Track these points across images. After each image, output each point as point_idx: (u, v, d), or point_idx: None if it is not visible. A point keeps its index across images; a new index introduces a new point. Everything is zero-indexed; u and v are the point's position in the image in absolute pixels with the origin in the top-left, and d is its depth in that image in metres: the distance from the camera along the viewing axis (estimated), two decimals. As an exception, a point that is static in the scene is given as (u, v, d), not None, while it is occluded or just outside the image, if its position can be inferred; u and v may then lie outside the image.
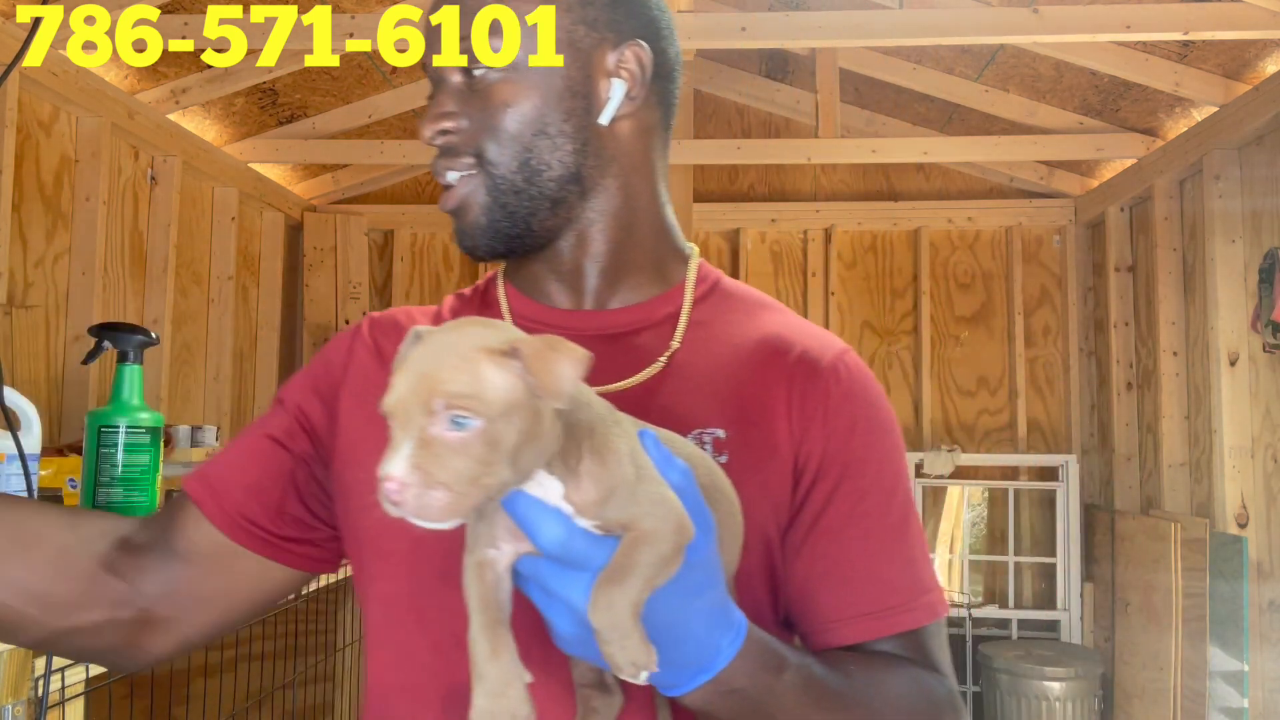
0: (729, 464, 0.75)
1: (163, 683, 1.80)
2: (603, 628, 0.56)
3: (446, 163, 0.81)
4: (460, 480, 0.53)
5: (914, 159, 3.92)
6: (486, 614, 0.59)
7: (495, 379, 0.54)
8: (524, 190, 0.80)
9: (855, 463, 0.79)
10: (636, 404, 0.77)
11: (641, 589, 0.56)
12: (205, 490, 0.82)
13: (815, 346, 0.83)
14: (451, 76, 0.82)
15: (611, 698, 0.69)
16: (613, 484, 0.57)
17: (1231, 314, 3.03)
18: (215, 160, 3.54)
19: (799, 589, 0.78)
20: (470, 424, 0.53)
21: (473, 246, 0.82)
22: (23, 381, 2.61)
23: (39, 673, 1.09)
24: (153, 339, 1.46)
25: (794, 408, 0.79)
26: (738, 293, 0.89)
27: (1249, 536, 2.92)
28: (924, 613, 0.78)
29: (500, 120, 0.79)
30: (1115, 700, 3.66)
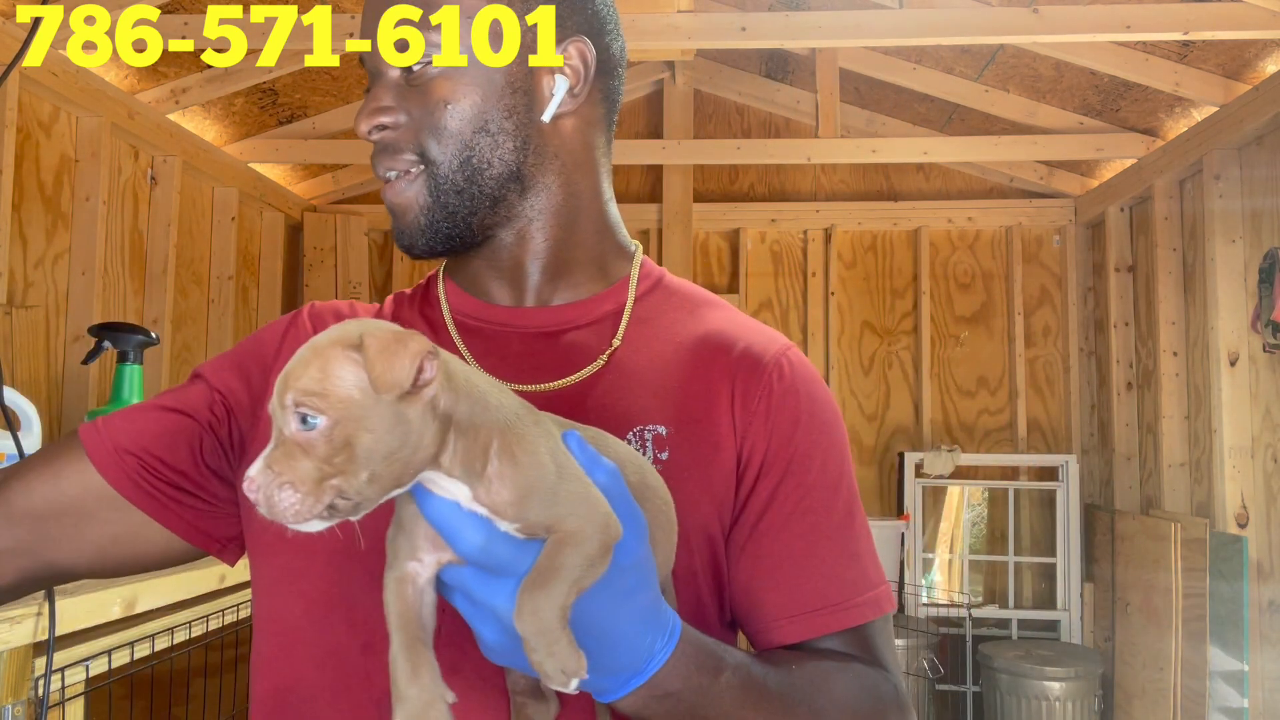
0: (670, 460, 0.75)
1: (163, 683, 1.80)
2: (529, 635, 0.54)
3: (387, 160, 0.79)
4: (306, 480, 0.51)
5: (914, 159, 3.92)
6: (406, 632, 0.57)
7: (344, 376, 0.52)
8: (465, 189, 0.78)
9: (799, 459, 0.78)
10: (576, 401, 0.77)
11: (568, 592, 0.54)
12: (99, 437, 0.78)
13: (758, 343, 0.82)
14: (389, 70, 0.80)
15: (547, 704, 0.68)
16: (528, 484, 0.55)
17: (1231, 314, 3.03)
18: (215, 160, 3.54)
19: (742, 588, 0.77)
20: (316, 422, 0.51)
21: (410, 245, 0.81)
22: (23, 381, 2.61)
23: (39, 673, 1.10)
24: (153, 339, 1.46)
25: (737, 404, 0.78)
26: (681, 290, 0.88)
27: (1249, 536, 2.92)
28: (869, 609, 0.77)
29: (441, 117, 0.78)
30: (1115, 700, 3.66)
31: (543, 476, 0.56)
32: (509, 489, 0.55)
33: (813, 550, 0.77)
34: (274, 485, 0.51)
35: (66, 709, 1.15)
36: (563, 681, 0.55)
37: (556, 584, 0.54)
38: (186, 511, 0.79)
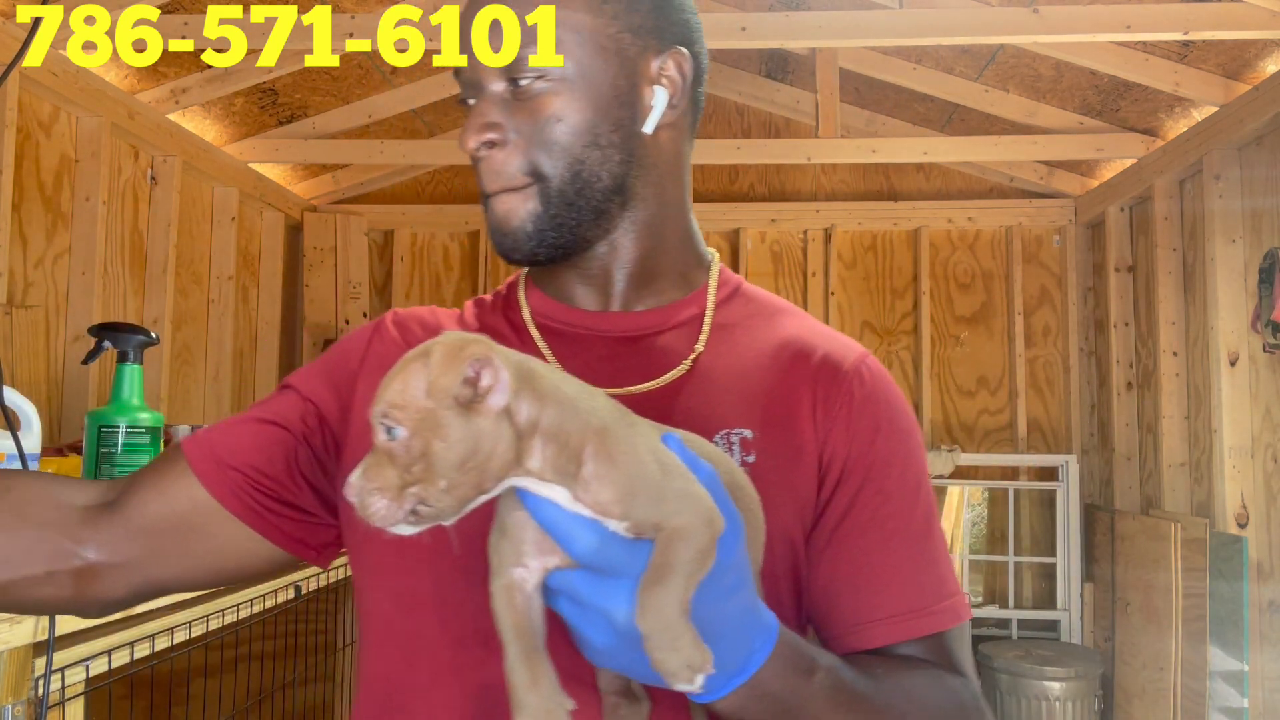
0: (756, 464, 0.76)
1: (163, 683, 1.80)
2: (654, 632, 0.55)
3: (497, 178, 0.80)
4: (391, 488, 0.54)
5: (914, 159, 3.92)
6: (521, 641, 0.58)
7: (419, 387, 0.54)
8: (575, 202, 0.79)
9: (879, 465, 0.79)
10: (662, 405, 0.78)
11: (686, 587, 0.55)
12: (202, 451, 0.81)
13: (837, 350, 0.83)
14: (493, 84, 0.80)
15: (639, 705, 0.68)
16: (630, 483, 0.56)
17: (1231, 314, 3.03)
18: (215, 160, 3.54)
19: (822, 592, 0.78)
20: (397, 433, 0.54)
21: (510, 251, 0.82)
22: (23, 381, 2.61)
23: (39, 673, 1.10)
24: (153, 339, 1.46)
25: (818, 410, 0.79)
26: (758, 297, 0.90)
27: (1249, 536, 2.92)
28: (947, 616, 0.78)
29: (552, 133, 0.78)
30: (1115, 700, 3.66)
31: (645, 475, 0.56)
32: (609, 488, 0.56)
33: (892, 556, 0.78)
34: (366, 492, 0.54)
35: (66, 709, 1.15)
36: (688, 678, 0.55)
37: (674, 579, 0.55)
38: (285, 523, 0.81)
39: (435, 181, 4.48)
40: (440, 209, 4.39)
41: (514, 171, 0.79)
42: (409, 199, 4.45)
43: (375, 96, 3.72)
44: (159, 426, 1.45)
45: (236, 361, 3.75)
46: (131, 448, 1.40)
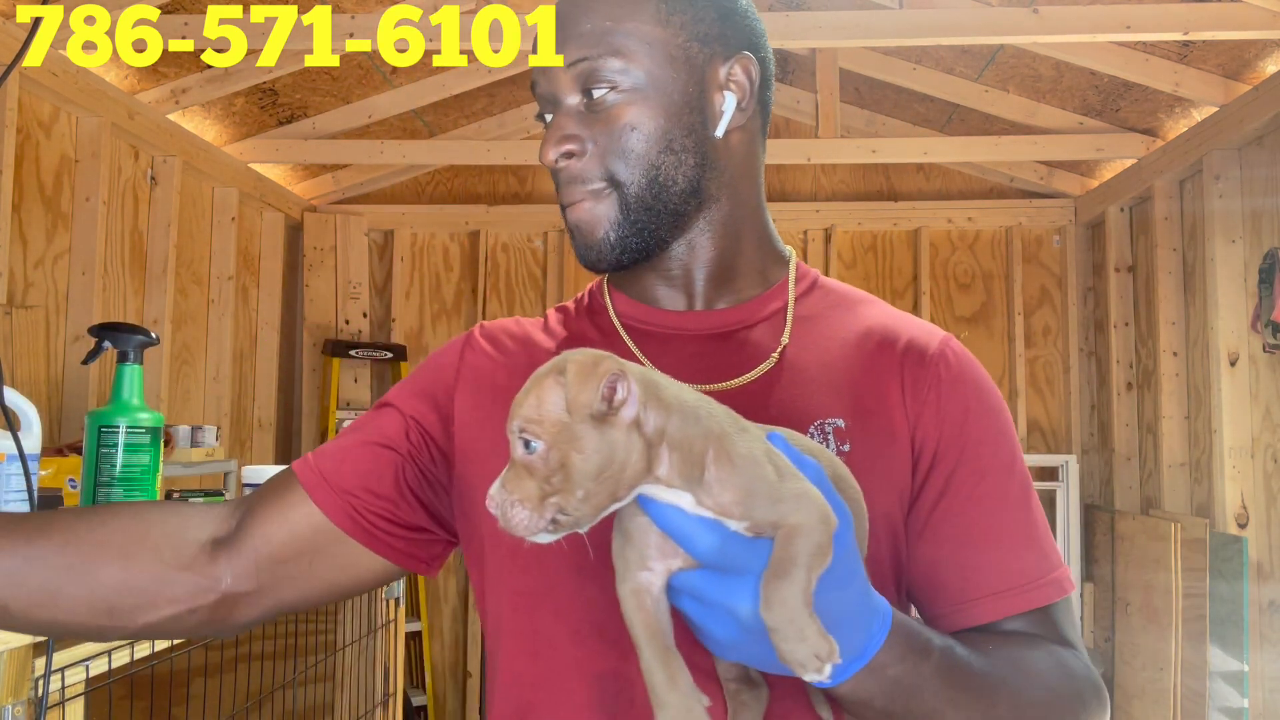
0: (851, 452, 0.78)
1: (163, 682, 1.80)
2: (779, 624, 0.57)
3: (577, 188, 0.83)
4: (531, 498, 0.57)
5: (914, 159, 3.92)
6: (655, 642, 0.61)
7: (555, 402, 0.57)
8: (652, 206, 0.82)
9: (971, 445, 0.81)
10: (757, 399, 0.80)
11: (808, 580, 0.57)
12: (316, 477, 0.84)
13: (921, 335, 0.86)
14: (568, 97, 0.83)
15: (759, 690, 0.70)
16: (749, 484, 0.58)
17: (1231, 314, 3.03)
18: (215, 160, 3.54)
19: (924, 572, 0.80)
20: (536, 446, 0.57)
21: (596, 260, 0.84)
22: (23, 381, 2.62)
23: (39, 673, 1.10)
24: (153, 339, 1.46)
25: (907, 395, 0.82)
26: (837, 288, 0.92)
27: (1249, 536, 2.92)
28: (1053, 589, 0.79)
29: (628, 142, 0.81)
30: (1115, 700, 3.66)
31: (762, 476, 0.59)
32: (731, 491, 0.58)
33: (993, 533, 0.79)
34: (508, 503, 0.57)
35: (66, 709, 1.15)
36: (816, 667, 0.57)
37: (796, 572, 0.57)
38: (398, 541, 0.84)
39: (435, 181, 4.48)
40: (440, 209, 4.39)
41: (592, 180, 0.82)
42: (409, 199, 4.45)
43: (375, 96, 3.72)
44: (159, 426, 1.45)
45: (236, 361, 3.75)
46: (132, 448, 1.40)
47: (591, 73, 0.81)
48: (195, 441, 2.92)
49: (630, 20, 0.81)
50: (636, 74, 0.80)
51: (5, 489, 1.44)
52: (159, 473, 1.46)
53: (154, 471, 1.44)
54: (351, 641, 2.22)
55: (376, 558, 0.84)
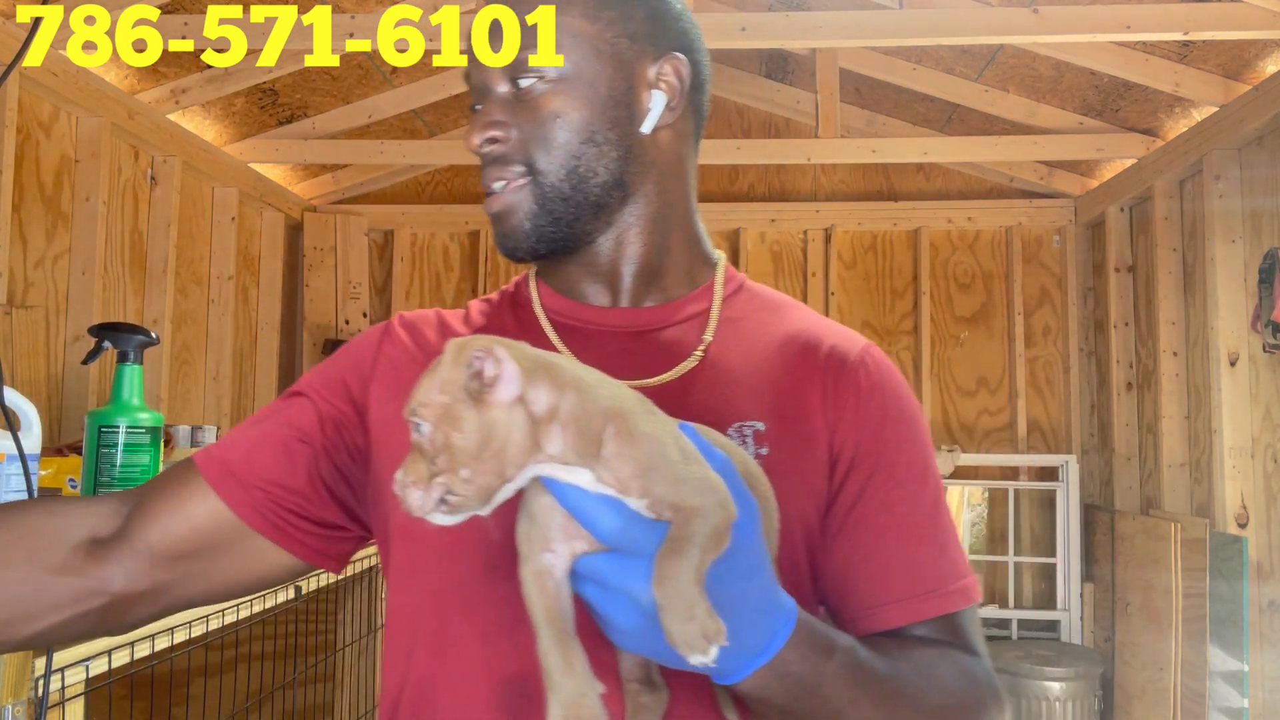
0: (770, 455, 0.79)
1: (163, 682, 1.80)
2: (669, 599, 0.57)
3: (497, 172, 0.84)
4: (422, 480, 0.58)
5: (914, 159, 3.92)
6: (554, 626, 0.61)
7: (432, 389, 0.59)
8: (570, 197, 0.83)
9: (888, 452, 0.82)
10: (678, 397, 0.81)
11: (701, 560, 0.57)
12: (221, 470, 0.81)
13: (842, 342, 0.87)
14: (498, 86, 0.84)
15: (659, 693, 0.70)
16: (649, 460, 0.59)
17: (1231, 314, 3.03)
18: (215, 160, 3.54)
19: (837, 576, 0.81)
20: (424, 428, 0.58)
21: (514, 248, 0.85)
22: (23, 381, 2.61)
23: (39, 673, 1.09)
24: (153, 339, 1.46)
25: (827, 401, 0.82)
26: (764, 293, 0.93)
27: (1249, 536, 2.92)
28: (960, 597, 0.81)
29: (551, 130, 0.82)
30: (1115, 700, 3.66)
31: (664, 455, 0.59)
32: (630, 465, 0.59)
33: (905, 540, 0.80)
34: (404, 485, 0.58)
35: (66, 709, 1.15)
36: (703, 648, 0.56)
37: (690, 551, 0.57)
38: (309, 538, 0.83)
39: (435, 181, 4.48)
40: (440, 209, 4.39)
41: (512, 166, 0.83)
42: (409, 199, 4.45)
43: (375, 96, 3.72)
44: (159, 426, 1.45)
45: (236, 361, 3.75)
46: (131, 448, 1.40)
47: (519, 63, 0.82)
48: (195, 441, 2.91)
49: (561, 14, 0.83)
50: (557, 68, 0.82)
51: (5, 489, 1.44)
52: (159, 472, 1.46)
53: (154, 471, 1.44)
54: (351, 641, 2.22)
55: (283, 553, 0.82)
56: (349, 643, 2.21)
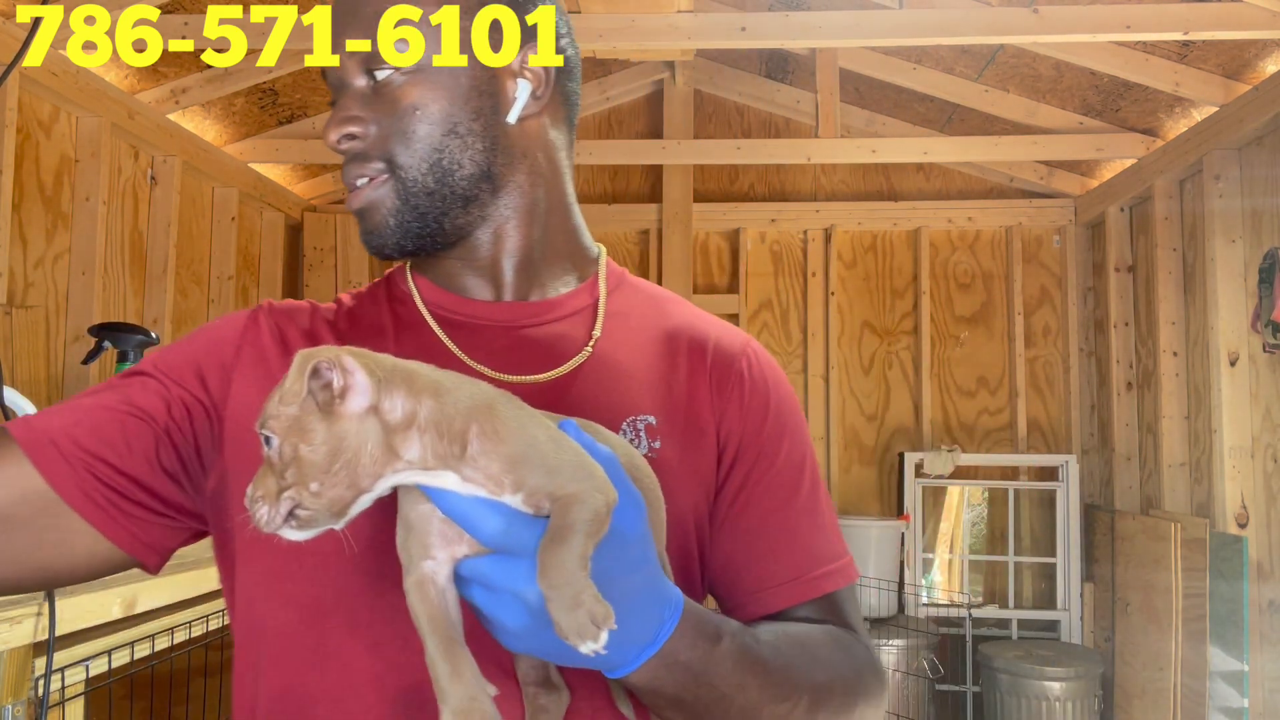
0: (662, 449, 0.79)
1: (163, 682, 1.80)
2: (555, 588, 0.55)
3: (356, 169, 0.81)
4: (270, 494, 0.56)
5: (914, 159, 3.92)
6: (439, 634, 0.59)
7: (279, 399, 0.57)
8: (435, 191, 0.80)
9: (770, 442, 0.83)
10: (566, 394, 0.80)
11: (585, 547, 0.56)
12: (40, 436, 0.72)
13: (726, 336, 0.88)
14: (355, 80, 0.82)
15: (559, 694, 0.70)
16: (518, 453, 0.58)
17: (1231, 314, 3.03)
18: (215, 160, 3.54)
19: (722, 563, 0.82)
20: (272, 441, 0.56)
21: (380, 246, 0.82)
22: (23, 381, 2.61)
23: (39, 673, 1.10)
24: (153, 339, 1.46)
25: (714, 394, 0.83)
26: (645, 287, 0.93)
27: (1249, 536, 2.92)
28: (839, 577, 0.83)
29: (409, 123, 0.79)
30: (1115, 700, 3.66)
31: (535, 444, 0.58)
32: (498, 461, 0.58)
33: (786, 526, 0.82)
34: (252, 500, 0.56)
35: (66, 709, 1.15)
36: (593, 634, 0.55)
37: (572, 537, 0.56)
38: (134, 524, 0.74)
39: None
40: (440, 209, 4.39)
41: (372, 161, 0.80)
42: (409, 199, 4.45)
43: (375, 96, 3.71)
44: (159, 426, 1.45)
45: (236, 361, 3.75)
46: (131, 448, 1.40)
47: (371, 56, 0.80)
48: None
49: (418, 4, 0.81)
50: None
51: (5, 489, 1.44)
52: None
53: (154, 471, 1.44)
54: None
55: (99, 539, 0.73)
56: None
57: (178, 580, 1.36)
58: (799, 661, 0.75)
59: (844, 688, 0.78)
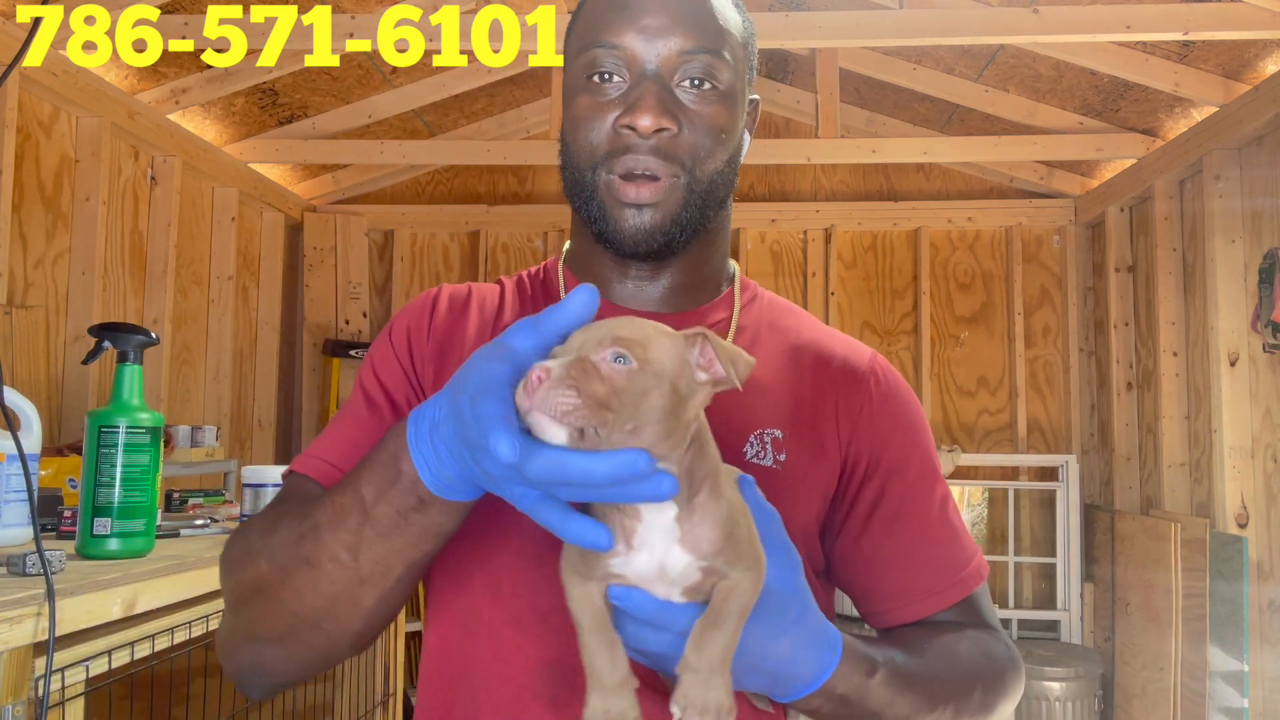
0: (788, 462, 0.83)
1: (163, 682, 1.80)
2: (697, 666, 0.60)
3: (654, 162, 0.81)
4: (592, 396, 0.55)
5: (914, 159, 3.92)
6: (597, 619, 0.62)
7: (666, 347, 0.59)
8: (701, 209, 0.84)
9: (900, 457, 0.86)
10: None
11: (734, 635, 0.61)
12: (328, 470, 0.82)
13: (852, 353, 0.90)
14: (671, 75, 0.82)
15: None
16: (725, 525, 0.61)
17: (1231, 314, 3.03)
18: (215, 160, 3.54)
19: (863, 575, 0.86)
20: (627, 363, 0.57)
21: (644, 241, 0.83)
22: (23, 381, 2.61)
23: (39, 673, 1.09)
24: (153, 339, 1.46)
25: (840, 410, 0.86)
26: (777, 302, 0.95)
27: (1249, 536, 2.92)
28: (972, 580, 0.87)
29: (714, 143, 0.83)
30: (1115, 700, 3.66)
31: (738, 525, 0.62)
32: (710, 526, 0.61)
33: (923, 538, 0.86)
34: (562, 383, 0.55)
35: (66, 709, 1.15)
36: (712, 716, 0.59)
37: (726, 624, 0.61)
38: None
39: (435, 181, 4.48)
40: (440, 209, 4.39)
41: (670, 164, 0.82)
42: (409, 199, 4.45)
43: (375, 96, 3.72)
44: (159, 426, 1.45)
45: (236, 361, 3.75)
46: (131, 448, 1.40)
47: (707, 66, 0.82)
48: (195, 441, 2.92)
49: (733, 31, 0.85)
50: (730, 81, 0.83)
51: (5, 489, 1.44)
52: (159, 473, 1.46)
53: (154, 471, 1.44)
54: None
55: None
56: (349, 643, 2.21)
57: (178, 580, 1.36)
58: (944, 673, 0.79)
59: (985, 688, 0.82)
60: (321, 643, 0.74)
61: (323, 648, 0.74)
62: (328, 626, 0.72)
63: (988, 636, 0.86)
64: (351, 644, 0.75)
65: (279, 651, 0.75)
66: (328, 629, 0.72)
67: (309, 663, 0.76)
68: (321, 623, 0.72)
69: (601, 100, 0.82)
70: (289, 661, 0.76)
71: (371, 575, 0.69)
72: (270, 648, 0.76)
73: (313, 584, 0.71)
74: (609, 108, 0.82)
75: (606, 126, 0.82)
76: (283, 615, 0.73)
